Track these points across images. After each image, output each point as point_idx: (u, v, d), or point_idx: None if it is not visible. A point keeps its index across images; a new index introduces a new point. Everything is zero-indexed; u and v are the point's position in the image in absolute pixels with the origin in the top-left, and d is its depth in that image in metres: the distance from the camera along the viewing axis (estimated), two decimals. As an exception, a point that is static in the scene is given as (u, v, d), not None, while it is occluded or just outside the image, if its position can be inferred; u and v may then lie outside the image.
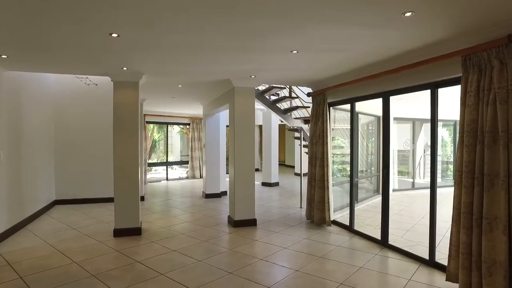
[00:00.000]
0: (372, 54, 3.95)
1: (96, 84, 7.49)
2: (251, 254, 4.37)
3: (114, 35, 3.23)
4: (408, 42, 3.45)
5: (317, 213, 5.70)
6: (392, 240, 4.53)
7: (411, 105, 7.69)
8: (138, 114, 5.22)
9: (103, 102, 7.52)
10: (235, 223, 5.62)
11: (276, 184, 10.74)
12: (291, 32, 3.20)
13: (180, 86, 6.33)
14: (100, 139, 7.64)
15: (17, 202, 5.42)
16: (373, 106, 6.16)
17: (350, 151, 5.47)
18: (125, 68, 4.74)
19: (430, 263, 3.82)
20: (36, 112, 6.32)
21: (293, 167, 15.44)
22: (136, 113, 5.18)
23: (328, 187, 5.57)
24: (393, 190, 8.03)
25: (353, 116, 5.39)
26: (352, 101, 5.29)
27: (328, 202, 5.56)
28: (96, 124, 7.64)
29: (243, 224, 5.64)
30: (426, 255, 3.90)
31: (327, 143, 5.59)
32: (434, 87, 3.72)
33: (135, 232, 5.13)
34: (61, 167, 7.44)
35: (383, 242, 4.55)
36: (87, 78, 7.18)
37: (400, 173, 9.67)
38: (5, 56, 4.11)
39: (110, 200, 7.40)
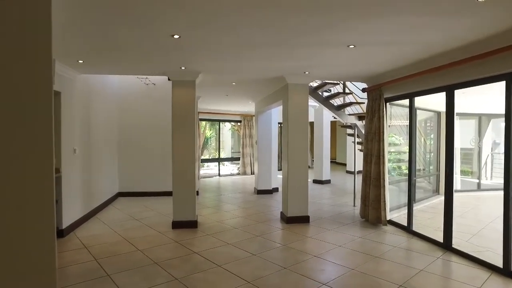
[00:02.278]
0: (436, 45, 3.72)
1: (154, 84, 7.96)
2: (304, 250, 4.37)
3: (176, 36, 3.41)
4: (478, 31, 3.20)
5: (372, 212, 5.52)
6: (456, 244, 4.24)
7: (476, 98, 7.10)
8: (195, 112, 5.46)
9: (161, 101, 7.98)
10: (288, 220, 5.65)
11: (328, 181, 10.57)
12: (348, 26, 3.13)
13: (234, 83, 6.49)
14: (158, 137, 8.10)
15: (89, 193, 5.96)
16: (433, 101, 5.81)
17: (409, 148, 5.20)
18: (183, 68, 4.97)
19: (505, 272, 3.48)
20: (102, 112, 6.88)
21: (344, 164, 15.06)
22: (192, 110, 5.42)
23: (384, 185, 5.36)
24: (455, 191, 7.49)
25: (412, 112, 5.13)
26: (411, 96, 5.04)
27: (384, 201, 5.36)
28: (154, 122, 8.11)
29: (296, 220, 5.64)
30: (498, 263, 3.56)
31: (383, 140, 5.39)
32: (510, 78, 3.40)
33: (192, 225, 5.38)
34: (124, 162, 8.03)
35: (446, 245, 4.29)
36: (146, 78, 7.66)
37: (463, 173, 8.98)
38: (81, 61, 4.55)
39: (166, 193, 7.87)
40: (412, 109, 5.11)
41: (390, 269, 3.71)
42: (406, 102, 5.23)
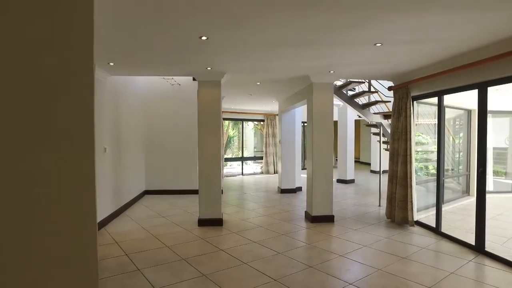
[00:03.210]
0: (468, 41, 3.60)
1: (180, 84, 8.13)
2: (330, 250, 4.36)
3: (204, 37, 3.49)
4: (516, 25, 3.08)
5: (398, 212, 5.42)
6: (489, 247, 4.09)
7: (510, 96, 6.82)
8: (220, 111, 5.54)
9: (185, 101, 8.15)
10: (313, 219, 5.63)
11: (352, 181, 10.44)
12: (376, 24, 3.10)
13: (258, 83, 6.54)
14: (183, 136, 8.28)
15: (118, 190, 6.18)
16: (462, 99, 5.63)
17: (437, 148, 5.07)
18: (209, 68, 5.06)
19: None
20: (130, 112, 7.10)
21: (368, 164, 14.81)
22: (218, 110, 5.50)
23: (411, 185, 5.25)
24: (488, 192, 7.20)
25: (441, 110, 4.99)
26: (440, 94, 4.90)
27: (411, 201, 5.24)
28: (179, 122, 8.29)
29: (321, 220, 5.62)
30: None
31: (410, 139, 5.27)
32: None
33: (217, 222, 5.47)
34: (150, 160, 8.25)
35: (478, 248, 4.15)
36: (172, 79, 7.83)
37: (496, 173, 8.62)
38: (112, 64, 4.72)
39: (191, 192, 8.04)
40: (441, 107, 4.97)
41: (418, 270, 3.64)
42: (434, 100, 5.10)
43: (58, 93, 1.64)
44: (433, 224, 5.04)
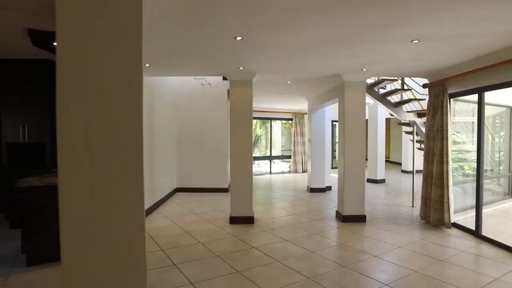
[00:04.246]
0: (512, 35, 3.45)
1: (210, 84, 8.27)
2: (363, 250, 4.30)
3: (238, 38, 3.54)
4: None
5: (434, 213, 5.25)
6: (535, 251, 3.90)
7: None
8: (251, 110, 5.59)
9: (215, 100, 8.29)
10: (344, 218, 5.58)
11: (382, 181, 10.21)
12: (414, 21, 3.03)
13: (289, 82, 6.54)
14: (212, 135, 8.43)
15: (152, 187, 6.39)
16: (503, 95, 5.37)
17: (477, 147, 4.86)
18: (241, 68, 5.12)
19: None
20: (162, 111, 7.31)
21: (398, 163, 14.42)
22: (249, 109, 5.56)
23: (448, 186, 5.07)
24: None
25: (482, 108, 4.78)
26: (480, 91, 4.69)
27: (448, 202, 5.07)
28: (208, 121, 8.44)
29: (352, 219, 5.56)
30: None
31: (447, 137, 5.09)
32: None
33: (248, 220, 5.53)
34: (181, 158, 8.46)
35: (523, 252, 3.95)
36: (203, 78, 7.98)
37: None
38: (148, 65, 4.89)
39: (220, 190, 8.19)
40: (481, 104, 4.76)
41: (458, 274, 3.52)
42: (471, 97, 4.90)
43: (121, 94, 1.78)
44: (472, 227, 4.85)
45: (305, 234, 4.97)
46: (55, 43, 3.80)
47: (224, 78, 6.24)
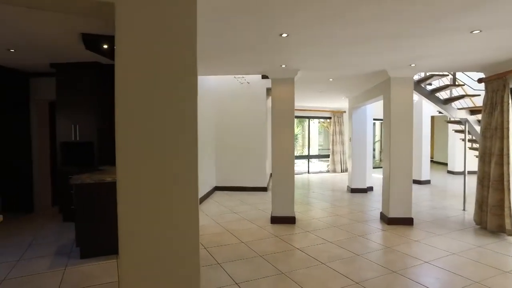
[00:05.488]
0: None
1: (249, 83, 8.26)
2: (412, 255, 4.07)
3: (284, 35, 3.47)
4: None
5: (491, 219, 4.87)
6: None
7: None
8: (293, 109, 5.49)
9: (254, 99, 8.26)
10: (389, 221, 5.33)
11: (427, 182, 9.69)
12: (476, 10, 2.79)
13: (331, 79, 6.36)
14: (250, 134, 8.42)
15: (194, 185, 6.48)
16: None
17: (543, 146, 4.44)
18: (283, 66, 5.04)
19: None
20: (203, 110, 7.40)
21: (443, 163, 13.64)
22: (291, 107, 5.46)
23: (509, 189, 4.68)
24: None
25: (549, 104, 4.36)
26: (547, 85, 4.29)
27: (510, 207, 4.68)
28: (247, 120, 8.44)
29: (398, 222, 5.30)
30: None
31: (508, 136, 4.70)
32: None
33: (290, 220, 5.45)
34: (220, 157, 8.54)
35: None
36: (242, 77, 7.99)
37: None
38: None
39: (259, 189, 8.16)
40: (548, 100, 4.35)
41: (525, 286, 3.22)
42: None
43: (177, 95, 1.81)
44: (536, 234, 4.45)
45: (349, 236, 4.81)
46: (105, 46, 3.95)
47: (263, 77, 6.18)
